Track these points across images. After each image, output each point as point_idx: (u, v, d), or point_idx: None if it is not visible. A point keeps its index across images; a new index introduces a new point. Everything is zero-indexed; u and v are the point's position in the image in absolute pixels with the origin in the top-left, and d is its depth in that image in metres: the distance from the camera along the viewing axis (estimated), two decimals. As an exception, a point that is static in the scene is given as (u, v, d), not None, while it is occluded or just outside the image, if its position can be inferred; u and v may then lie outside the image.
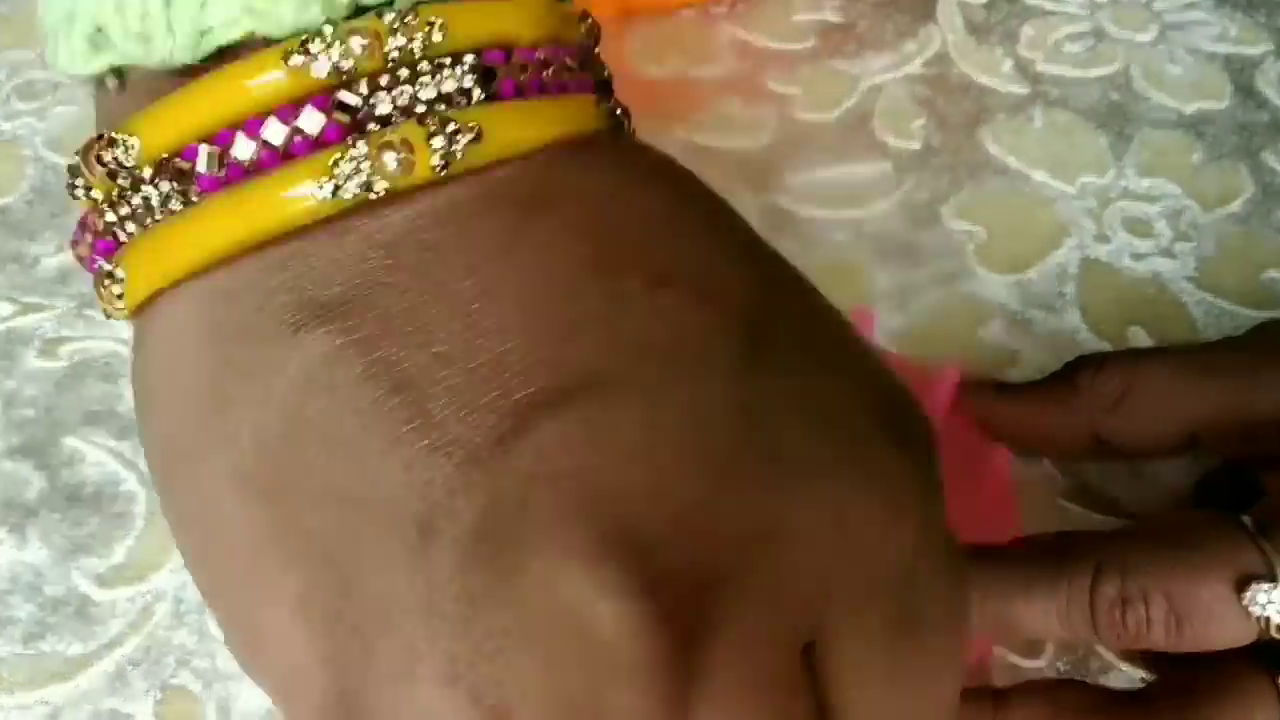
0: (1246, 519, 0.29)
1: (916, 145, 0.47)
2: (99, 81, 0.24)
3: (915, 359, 0.40)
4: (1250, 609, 0.28)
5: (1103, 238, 0.44)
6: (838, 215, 0.44)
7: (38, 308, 0.41)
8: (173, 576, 0.35)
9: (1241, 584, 0.28)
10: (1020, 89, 0.49)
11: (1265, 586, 0.28)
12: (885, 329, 0.41)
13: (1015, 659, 0.34)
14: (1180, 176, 0.46)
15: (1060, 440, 0.36)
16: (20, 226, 0.44)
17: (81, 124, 0.47)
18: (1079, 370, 0.36)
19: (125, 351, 0.40)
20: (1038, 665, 0.34)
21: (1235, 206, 0.45)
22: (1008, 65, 0.50)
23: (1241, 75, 0.50)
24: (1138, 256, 0.43)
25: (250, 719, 0.33)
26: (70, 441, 0.38)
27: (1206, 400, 0.34)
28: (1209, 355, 0.35)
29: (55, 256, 0.43)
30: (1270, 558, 0.28)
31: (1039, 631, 0.30)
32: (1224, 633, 0.29)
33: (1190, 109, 0.48)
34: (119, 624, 0.35)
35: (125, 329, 0.40)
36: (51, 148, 0.46)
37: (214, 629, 0.34)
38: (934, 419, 0.37)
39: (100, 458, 0.38)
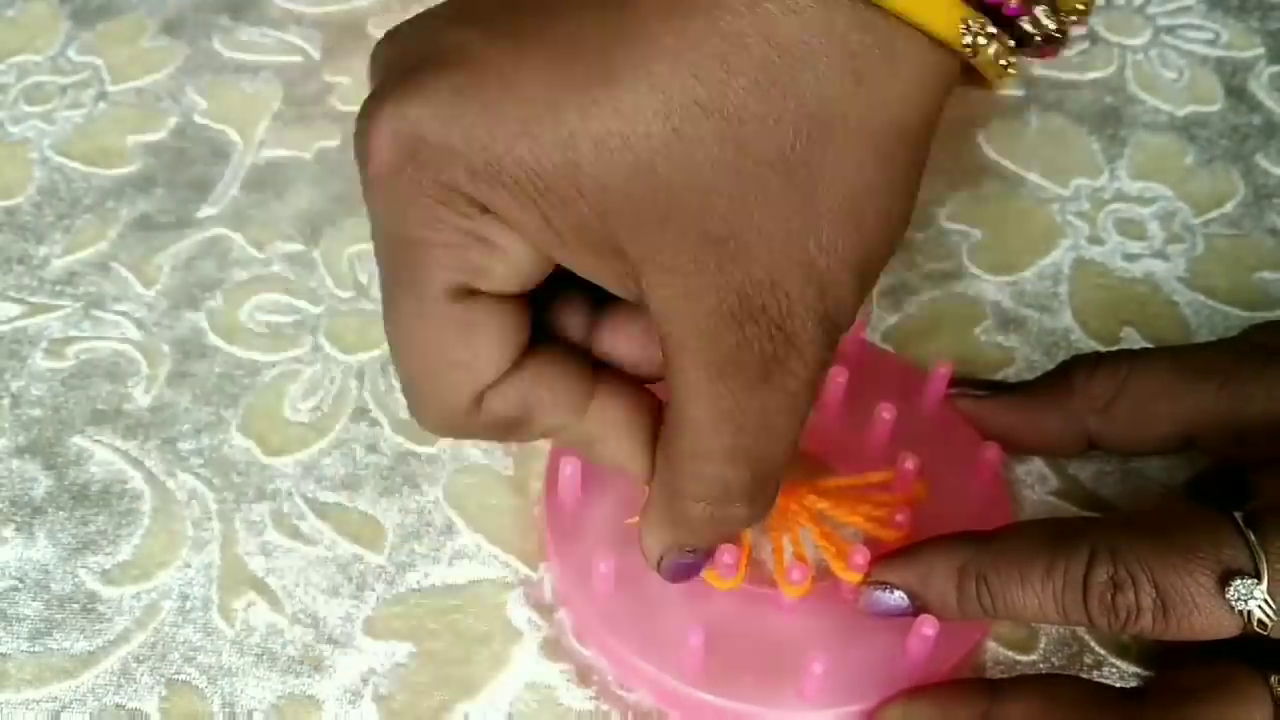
0: (1238, 515, 0.30)
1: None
2: None
3: (910, 357, 0.41)
4: (1234, 603, 0.28)
5: (1096, 239, 0.44)
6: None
7: (45, 308, 0.42)
8: (179, 574, 0.36)
9: (1226, 578, 0.29)
10: (1015, 92, 0.49)
11: (1249, 582, 0.28)
12: (881, 327, 0.42)
13: (1009, 653, 0.35)
14: (1173, 179, 0.46)
15: (1054, 440, 0.37)
16: (27, 228, 0.44)
17: (87, 127, 0.47)
18: (1074, 371, 0.36)
19: (131, 351, 0.41)
20: (1031, 660, 0.35)
21: (1227, 208, 0.45)
22: (1003, 69, 0.50)
23: (1234, 79, 0.50)
24: (1130, 258, 0.44)
25: (255, 714, 0.33)
26: (77, 440, 0.39)
27: (1199, 402, 0.34)
28: (1202, 357, 0.35)
29: (62, 258, 0.43)
30: (1256, 554, 0.29)
31: (1033, 614, 0.31)
32: (1208, 624, 0.29)
33: (1183, 112, 0.49)
34: (125, 621, 0.35)
35: (132, 329, 0.41)
36: (58, 150, 0.46)
37: (219, 625, 0.35)
38: (929, 414, 0.38)
39: (107, 456, 0.38)
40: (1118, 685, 0.34)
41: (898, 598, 0.32)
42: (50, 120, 0.47)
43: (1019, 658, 0.35)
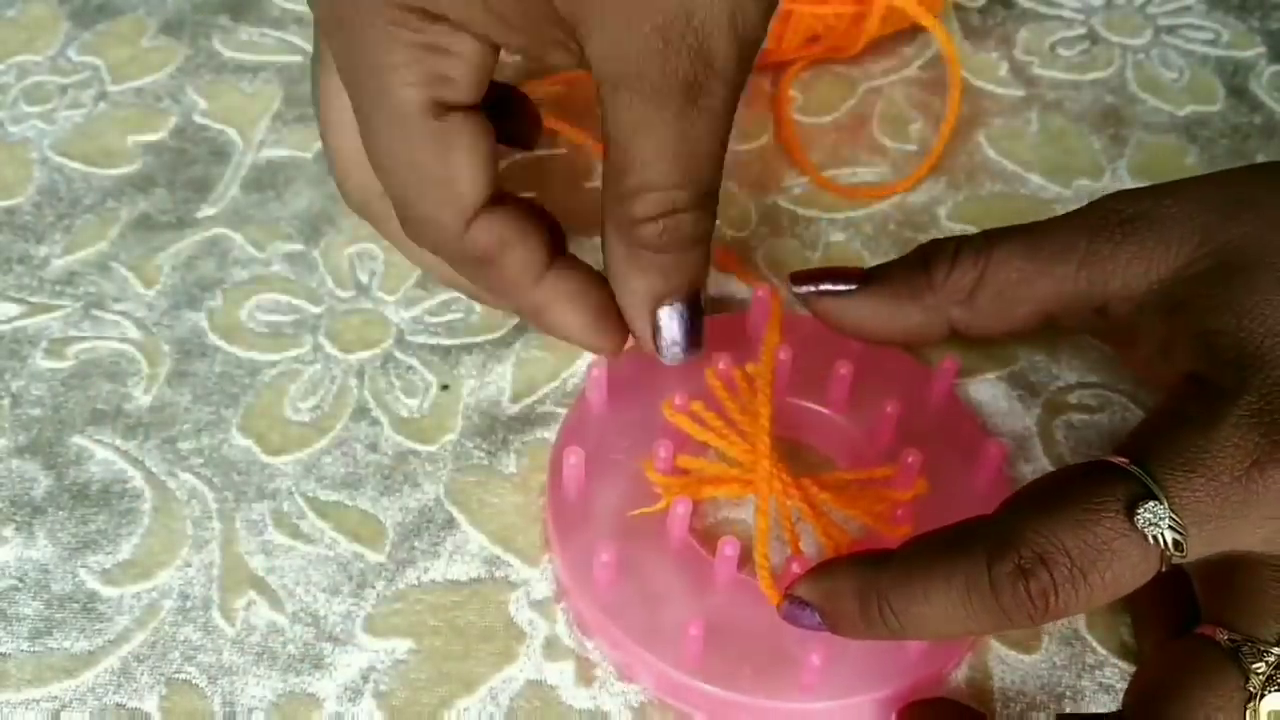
0: (1119, 459, 0.29)
1: (914, 147, 0.47)
2: None
3: (914, 354, 0.40)
4: (1146, 531, 0.28)
5: (1098, 238, 0.44)
6: (837, 216, 0.45)
7: (45, 308, 0.42)
8: (179, 573, 0.36)
9: (1131, 510, 0.28)
10: (1016, 92, 0.49)
11: (1154, 505, 0.28)
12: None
13: (1012, 653, 0.35)
14: (1174, 179, 0.46)
15: (916, 333, 0.35)
16: (27, 228, 0.44)
17: (87, 127, 0.47)
18: (933, 263, 0.35)
19: (131, 351, 0.41)
20: (1034, 660, 0.35)
21: (1229, 208, 0.45)
22: (1004, 69, 0.50)
23: (1234, 78, 0.50)
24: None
25: (255, 713, 0.33)
26: (77, 440, 0.38)
27: (1058, 284, 0.33)
28: (1058, 236, 0.34)
29: (62, 258, 0.43)
30: (1148, 482, 0.28)
31: (944, 628, 0.29)
32: (1130, 568, 0.28)
33: (1184, 112, 0.49)
34: (125, 620, 0.35)
35: (132, 329, 0.41)
36: (58, 150, 0.46)
37: (220, 624, 0.35)
38: (934, 409, 0.38)
39: (107, 456, 0.38)
40: (1118, 685, 0.34)
41: (809, 615, 0.31)
42: (50, 120, 0.47)
43: (1023, 657, 0.35)
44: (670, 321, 0.32)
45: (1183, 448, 0.29)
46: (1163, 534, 0.28)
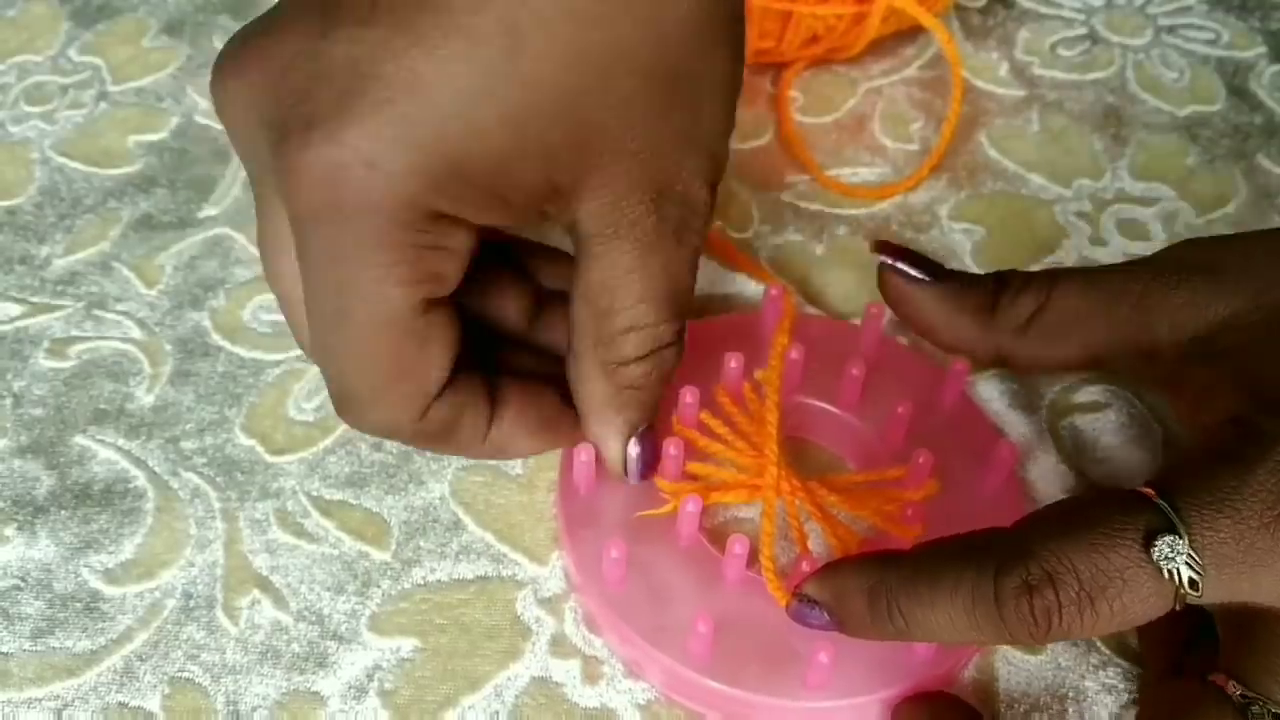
0: (1147, 489, 0.29)
1: (915, 147, 0.47)
2: None
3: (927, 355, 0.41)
4: (1160, 564, 0.27)
5: (1098, 240, 0.44)
6: (840, 213, 0.45)
7: (46, 308, 0.41)
8: (182, 572, 0.36)
9: (1149, 541, 0.27)
10: (1017, 92, 0.49)
11: (1173, 539, 0.27)
12: (888, 326, 0.41)
13: (1017, 653, 0.35)
14: (1174, 179, 0.46)
15: (966, 348, 0.36)
16: (29, 228, 0.44)
17: (88, 127, 0.47)
18: (1002, 290, 0.35)
19: (133, 350, 0.40)
20: (1039, 660, 0.35)
21: (1229, 209, 0.45)
22: (1004, 69, 0.50)
23: (1235, 78, 0.50)
24: (1133, 259, 0.44)
25: (258, 711, 0.33)
26: (79, 440, 0.38)
27: (1109, 327, 0.34)
28: (1116, 279, 0.34)
29: (64, 258, 0.43)
30: (1170, 515, 0.28)
31: (948, 635, 0.29)
32: (1138, 601, 0.28)
33: (1184, 112, 0.49)
34: (128, 619, 0.35)
35: (134, 329, 0.41)
36: (59, 151, 0.46)
37: (223, 623, 0.34)
38: (946, 410, 0.38)
39: (109, 455, 0.38)
40: (1121, 685, 0.34)
41: (818, 613, 0.31)
42: (51, 120, 0.47)
43: (1028, 658, 0.35)
44: (636, 449, 0.34)
45: (1213, 486, 0.28)
46: (1178, 569, 0.27)
